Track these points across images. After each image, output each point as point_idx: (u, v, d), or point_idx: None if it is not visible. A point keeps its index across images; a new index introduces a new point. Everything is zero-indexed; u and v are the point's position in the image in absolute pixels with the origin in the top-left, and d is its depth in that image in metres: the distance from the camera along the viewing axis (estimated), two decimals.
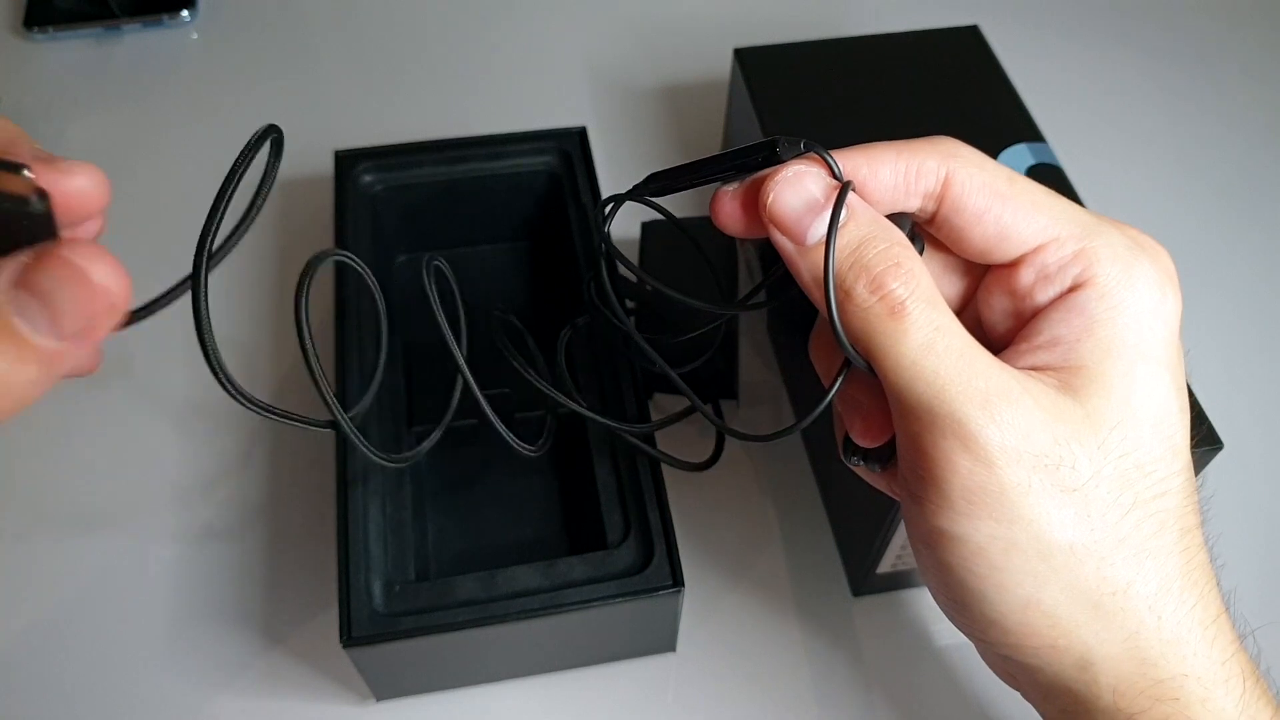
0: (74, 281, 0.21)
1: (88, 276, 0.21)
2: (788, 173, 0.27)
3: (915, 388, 0.26)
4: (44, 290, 0.21)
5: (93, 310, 0.22)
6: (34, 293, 0.21)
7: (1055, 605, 0.26)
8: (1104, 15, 0.70)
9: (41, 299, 0.21)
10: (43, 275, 0.21)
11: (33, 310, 0.21)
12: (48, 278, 0.21)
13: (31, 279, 0.21)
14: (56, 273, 0.21)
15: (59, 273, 0.21)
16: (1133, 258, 0.27)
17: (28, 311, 0.21)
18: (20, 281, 0.21)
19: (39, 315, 0.21)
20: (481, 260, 0.52)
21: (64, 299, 0.21)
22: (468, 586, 0.36)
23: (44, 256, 0.21)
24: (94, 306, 0.22)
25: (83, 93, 0.64)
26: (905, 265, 0.26)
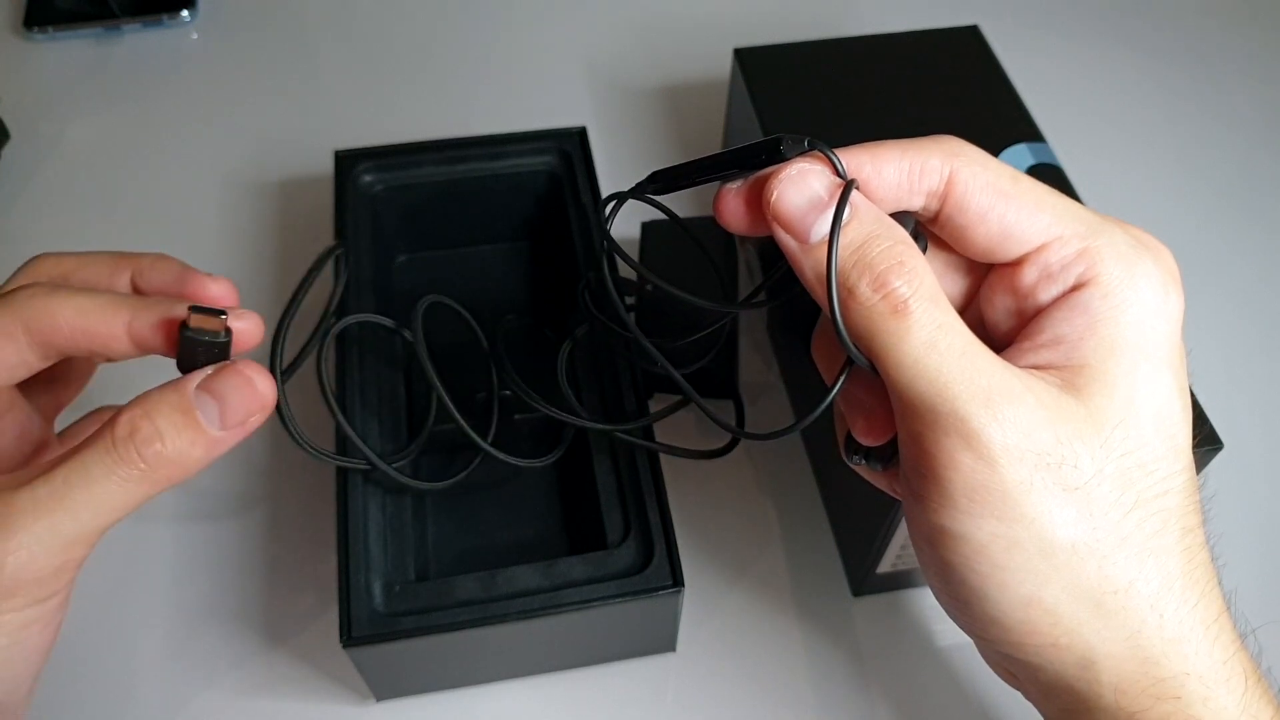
0: (243, 387, 0.30)
1: (253, 384, 0.30)
2: (791, 170, 0.27)
3: (917, 386, 0.26)
4: (220, 393, 0.29)
5: (252, 409, 0.30)
6: (213, 394, 0.29)
7: (1057, 604, 0.26)
8: (1104, 15, 0.70)
9: (218, 399, 0.29)
10: (221, 381, 0.29)
11: (210, 407, 0.29)
12: (225, 384, 0.29)
13: (212, 384, 0.29)
14: (232, 380, 0.29)
15: (233, 380, 0.30)
16: (1136, 257, 0.27)
17: (206, 408, 0.29)
18: (205, 385, 0.29)
19: (214, 411, 0.29)
20: (481, 260, 0.52)
21: (234, 400, 0.29)
22: (468, 586, 0.36)
23: (223, 368, 0.30)
24: (254, 406, 0.30)
25: (83, 93, 0.64)
26: (908, 264, 0.26)
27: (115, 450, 0.28)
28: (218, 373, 0.29)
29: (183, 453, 0.28)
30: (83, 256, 0.33)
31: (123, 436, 0.28)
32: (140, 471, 0.28)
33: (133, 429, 0.28)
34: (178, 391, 0.29)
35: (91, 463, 0.27)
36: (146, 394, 0.29)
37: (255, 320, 0.32)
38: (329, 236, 0.46)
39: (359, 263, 0.45)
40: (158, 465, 0.28)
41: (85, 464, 0.27)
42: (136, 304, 0.30)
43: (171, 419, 0.28)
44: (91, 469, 0.27)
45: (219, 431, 0.29)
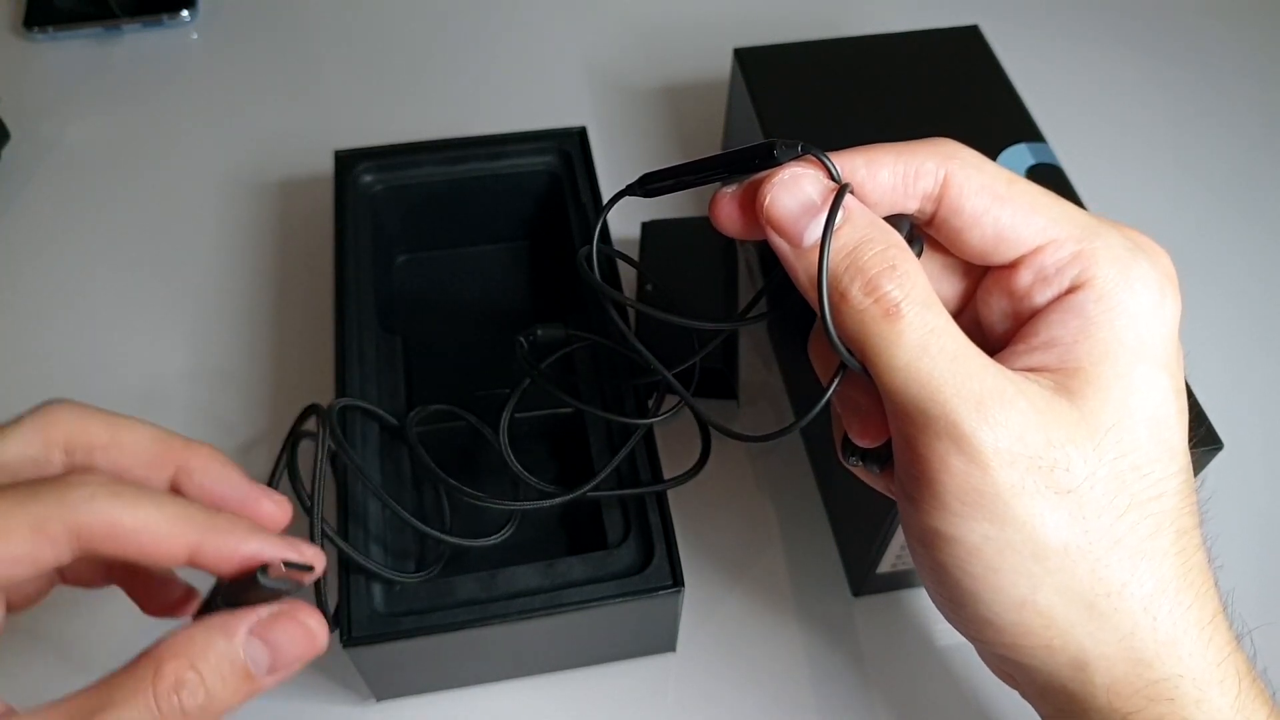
0: (301, 637, 0.27)
1: (313, 636, 0.27)
2: (784, 175, 0.27)
3: (909, 390, 0.26)
4: (276, 644, 0.26)
5: (305, 657, 0.27)
6: (268, 643, 0.26)
7: (1050, 606, 0.26)
8: (1104, 15, 0.70)
9: (272, 649, 0.26)
10: (278, 631, 0.26)
11: (260, 655, 0.26)
12: (282, 634, 0.27)
13: (269, 634, 0.26)
14: (290, 631, 0.27)
15: (292, 631, 0.27)
16: (1131, 259, 0.27)
17: (257, 657, 0.26)
18: (258, 632, 0.26)
19: (264, 659, 0.26)
20: (481, 260, 0.52)
21: (290, 650, 0.27)
22: (468, 586, 0.36)
23: (281, 616, 0.27)
24: (307, 654, 0.27)
25: (83, 93, 0.64)
26: (901, 267, 0.26)
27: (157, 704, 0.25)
28: (274, 620, 0.26)
29: (226, 701, 0.26)
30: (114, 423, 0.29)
31: (166, 690, 0.25)
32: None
33: (178, 681, 0.25)
34: (228, 639, 0.26)
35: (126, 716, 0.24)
36: (188, 635, 0.26)
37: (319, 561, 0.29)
38: (329, 236, 0.46)
39: (359, 263, 0.45)
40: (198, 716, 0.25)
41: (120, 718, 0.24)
42: (206, 525, 0.27)
43: (220, 672, 0.25)
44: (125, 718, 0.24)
45: (267, 678, 0.27)
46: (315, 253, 0.55)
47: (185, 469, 0.29)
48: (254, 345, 0.52)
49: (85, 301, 0.54)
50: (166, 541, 0.26)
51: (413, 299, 0.50)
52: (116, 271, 0.55)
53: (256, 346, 0.52)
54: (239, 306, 0.53)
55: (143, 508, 0.26)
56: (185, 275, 0.55)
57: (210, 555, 0.27)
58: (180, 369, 0.51)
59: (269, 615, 0.26)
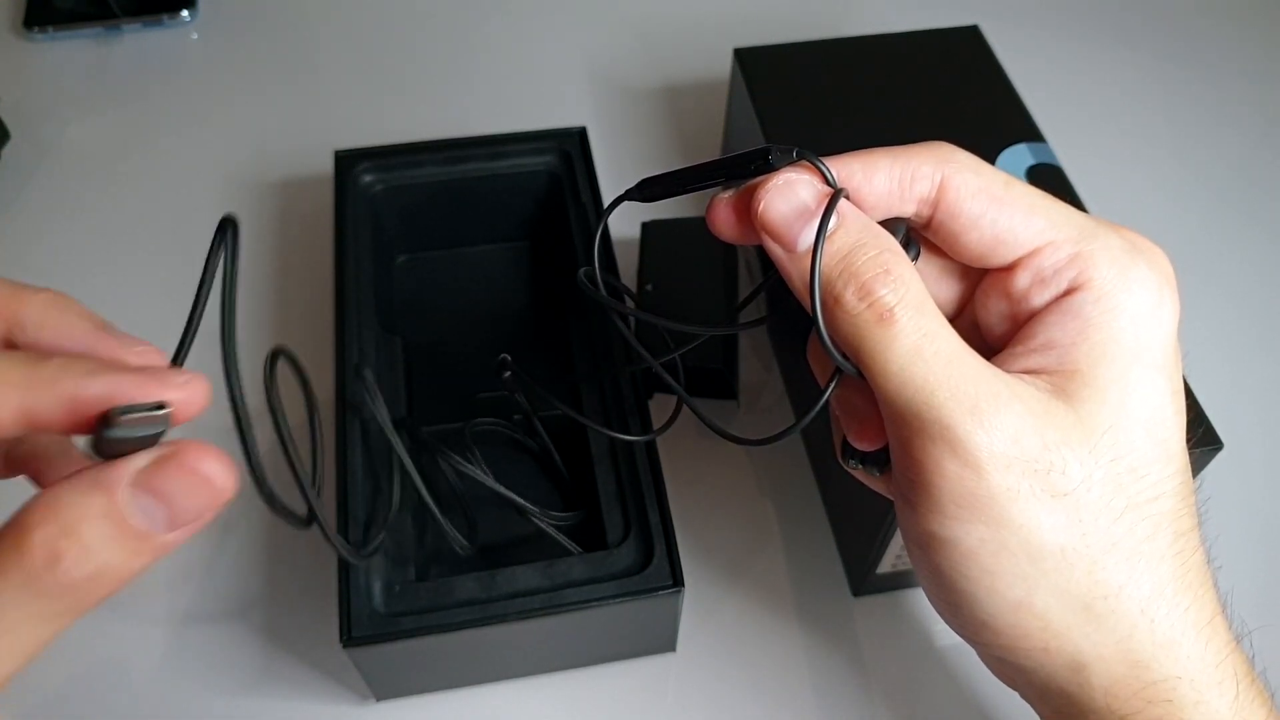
0: (193, 483, 0.23)
1: (206, 476, 0.23)
2: (778, 180, 0.27)
3: (904, 394, 0.26)
4: (165, 492, 0.23)
5: (209, 505, 0.23)
6: (155, 494, 0.23)
7: (1047, 608, 0.26)
8: (1104, 15, 0.70)
9: (162, 499, 0.23)
10: (164, 479, 0.23)
11: (153, 509, 0.23)
12: (169, 481, 0.23)
13: (153, 483, 0.23)
14: (178, 477, 0.23)
15: (180, 477, 0.23)
16: (1129, 261, 0.27)
17: (148, 511, 0.22)
18: (140, 483, 0.22)
19: (158, 513, 0.23)
20: (481, 260, 0.52)
21: (183, 498, 0.23)
22: (468, 586, 0.36)
23: (164, 462, 0.23)
24: (210, 502, 0.23)
25: (83, 93, 0.64)
26: (894, 272, 0.26)
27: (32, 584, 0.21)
28: (158, 469, 0.23)
29: (120, 567, 0.22)
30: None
31: (40, 566, 0.21)
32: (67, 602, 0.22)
33: (52, 554, 0.21)
34: (103, 494, 0.22)
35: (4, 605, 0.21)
36: (54, 496, 0.22)
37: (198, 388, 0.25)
38: (329, 236, 0.46)
39: (359, 263, 0.45)
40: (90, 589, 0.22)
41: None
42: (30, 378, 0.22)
43: (101, 531, 0.22)
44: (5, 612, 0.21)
45: (167, 535, 0.23)
46: (315, 253, 0.55)
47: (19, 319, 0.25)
48: (254, 345, 0.52)
49: (85, 301, 0.54)
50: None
51: (413, 299, 0.50)
52: (116, 271, 0.55)
53: (256, 346, 0.52)
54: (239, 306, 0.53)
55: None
56: (185, 275, 0.55)
57: (47, 413, 0.22)
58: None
59: (150, 463, 0.23)
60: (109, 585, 0.22)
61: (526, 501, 0.39)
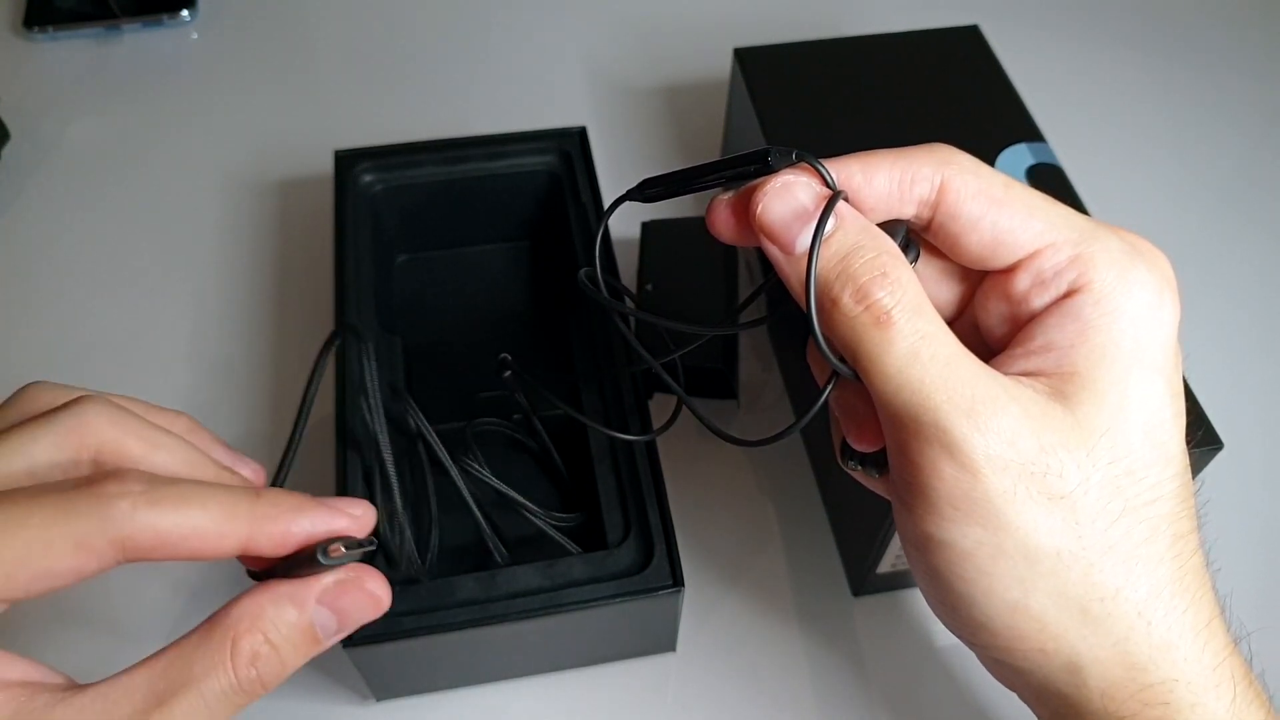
0: (364, 601, 0.27)
1: (375, 596, 0.27)
2: (777, 182, 0.27)
3: (901, 396, 0.26)
4: (343, 610, 0.27)
5: (368, 619, 0.28)
6: (335, 610, 0.27)
7: (1043, 610, 0.26)
8: (1104, 15, 0.70)
9: (339, 615, 0.27)
10: (346, 600, 0.27)
11: (329, 621, 0.27)
12: (348, 601, 0.27)
13: (335, 601, 0.27)
14: (357, 598, 0.27)
15: (358, 598, 0.27)
16: (1129, 263, 0.27)
17: (325, 622, 0.27)
18: (325, 601, 0.27)
19: (332, 624, 0.27)
20: (481, 260, 0.52)
21: (356, 615, 0.27)
22: (468, 586, 0.36)
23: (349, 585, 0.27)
24: (371, 617, 0.28)
25: (83, 93, 0.64)
26: (892, 274, 0.26)
27: (235, 676, 0.25)
28: (341, 589, 0.27)
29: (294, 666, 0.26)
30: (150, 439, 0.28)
31: (244, 663, 0.25)
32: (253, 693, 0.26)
33: (254, 656, 0.25)
34: (298, 608, 0.26)
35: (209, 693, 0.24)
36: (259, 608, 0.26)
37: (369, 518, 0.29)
38: (329, 236, 0.46)
39: (359, 263, 0.45)
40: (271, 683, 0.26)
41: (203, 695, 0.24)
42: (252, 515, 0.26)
43: (292, 640, 0.26)
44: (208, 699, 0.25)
45: (330, 641, 0.27)
46: (315, 253, 0.55)
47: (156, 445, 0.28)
48: (254, 345, 0.52)
49: (85, 301, 0.54)
50: (215, 542, 0.25)
51: (413, 299, 0.50)
52: (116, 271, 0.55)
53: (256, 346, 0.52)
54: (239, 306, 0.53)
55: (187, 512, 0.25)
56: (185, 275, 0.55)
57: (263, 545, 0.26)
58: (180, 368, 0.51)
59: (335, 584, 0.27)
60: (283, 678, 0.26)
61: (527, 502, 0.39)
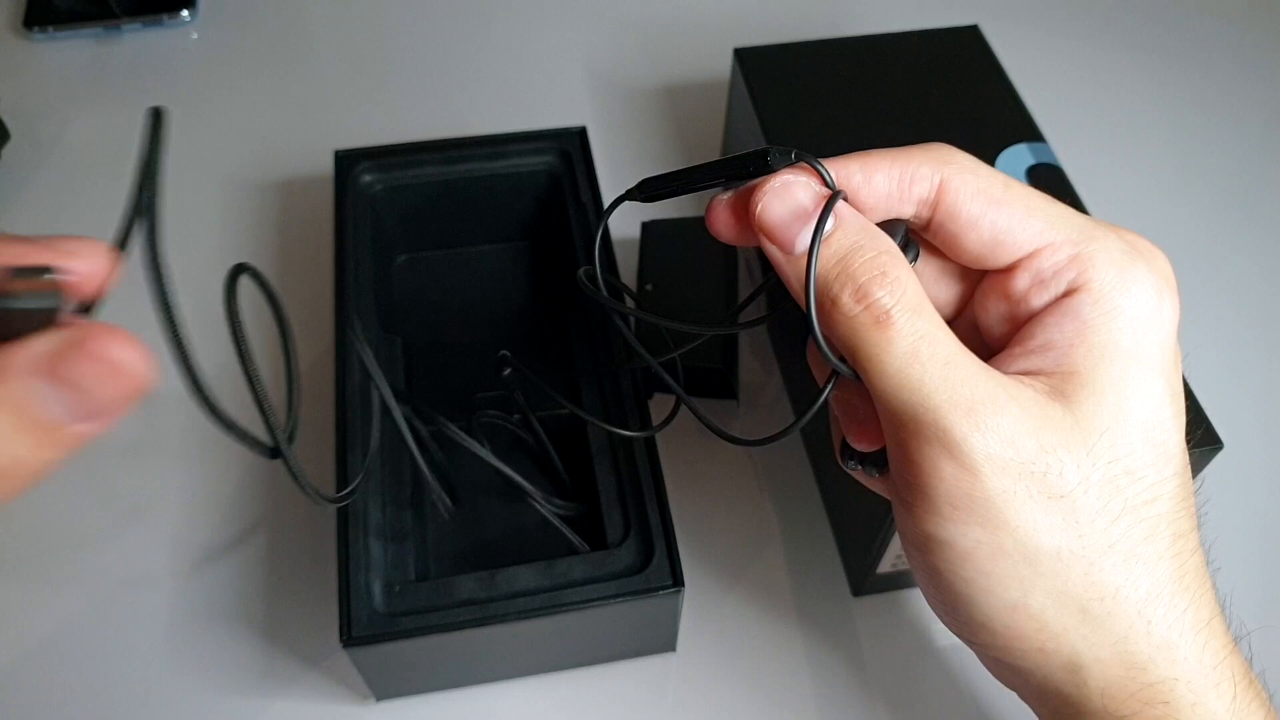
0: (102, 370, 0.21)
1: (115, 363, 0.22)
2: (776, 182, 0.27)
3: (900, 396, 0.26)
4: (71, 380, 0.21)
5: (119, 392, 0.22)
6: (61, 382, 0.21)
7: (1043, 609, 0.26)
8: (1104, 15, 0.70)
9: (69, 388, 0.21)
10: (70, 367, 0.21)
11: (61, 399, 0.21)
12: (74, 368, 0.21)
13: (59, 370, 0.21)
14: (84, 364, 0.21)
15: (87, 364, 0.21)
16: (1129, 262, 0.27)
17: (55, 400, 0.21)
18: (46, 371, 0.21)
19: (67, 403, 0.21)
20: (481, 260, 0.52)
21: (92, 386, 0.21)
22: (468, 586, 0.36)
23: (68, 349, 0.21)
24: (124, 389, 0.22)
25: (83, 93, 0.64)
26: (891, 274, 0.26)
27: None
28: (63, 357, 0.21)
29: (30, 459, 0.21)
30: None
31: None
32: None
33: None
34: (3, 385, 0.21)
35: None
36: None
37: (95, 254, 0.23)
38: (329, 236, 0.46)
39: (359, 263, 0.45)
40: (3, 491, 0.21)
41: None
42: None
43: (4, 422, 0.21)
44: None
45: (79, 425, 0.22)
46: (315, 253, 0.55)
47: None
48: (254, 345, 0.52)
49: None
50: None
51: (413, 299, 0.50)
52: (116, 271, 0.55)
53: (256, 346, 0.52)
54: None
55: None
56: (185, 275, 0.55)
57: None
58: None
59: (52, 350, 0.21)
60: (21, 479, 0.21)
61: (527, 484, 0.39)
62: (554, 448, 0.44)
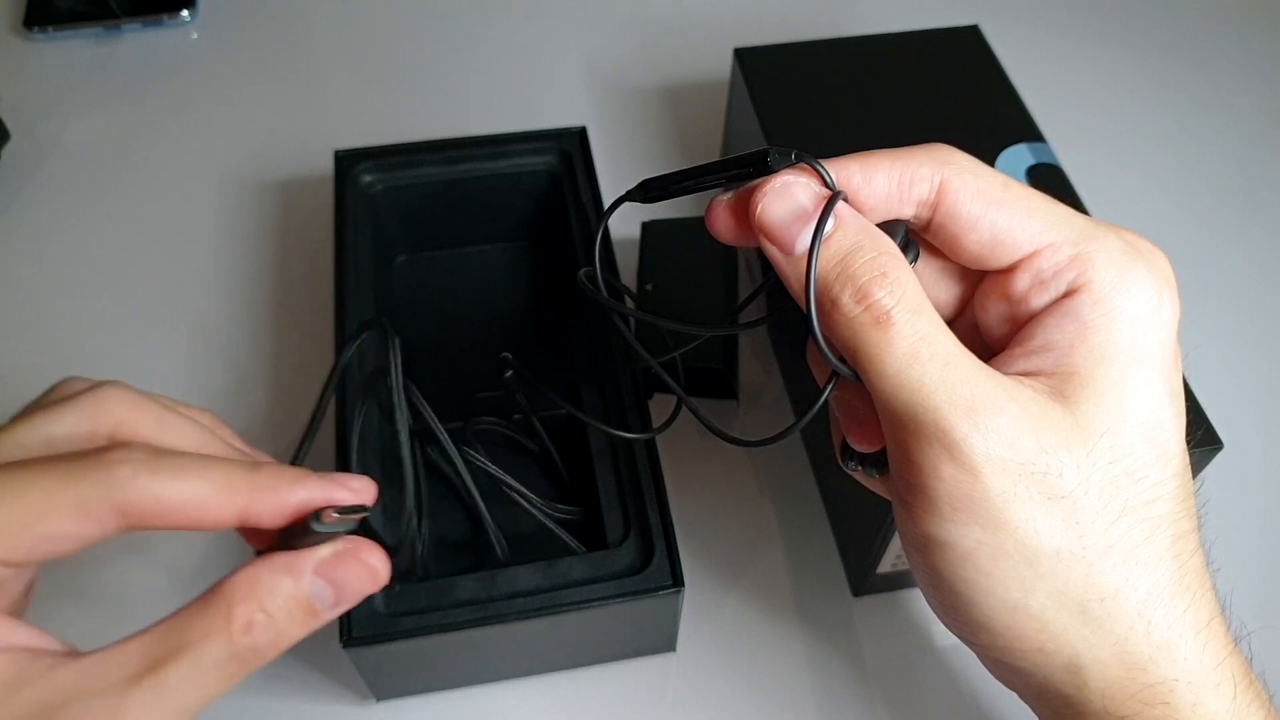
0: (361, 572, 0.27)
1: (372, 568, 0.27)
2: (776, 183, 0.27)
3: (900, 396, 0.26)
4: (340, 582, 0.27)
5: (367, 592, 0.28)
6: (332, 582, 0.27)
7: (1043, 610, 0.26)
8: (1104, 15, 0.70)
9: (335, 587, 0.27)
10: (340, 570, 0.27)
11: (325, 593, 0.27)
12: (343, 570, 0.27)
13: (331, 572, 0.27)
14: (353, 569, 0.27)
15: (355, 569, 0.27)
16: (1129, 263, 0.27)
17: (322, 594, 0.27)
18: (321, 571, 0.27)
19: (329, 597, 0.27)
20: (481, 260, 0.52)
21: (353, 587, 0.27)
22: (468, 586, 0.36)
23: (345, 556, 0.27)
24: (369, 590, 0.28)
25: (83, 93, 0.64)
26: (891, 275, 0.26)
27: (232, 646, 0.25)
28: (337, 560, 0.27)
29: (293, 636, 0.26)
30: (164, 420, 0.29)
31: (240, 630, 0.25)
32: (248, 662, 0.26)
33: (249, 624, 0.25)
34: (294, 579, 0.26)
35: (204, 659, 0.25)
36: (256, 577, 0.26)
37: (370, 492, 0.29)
38: (329, 236, 0.46)
39: (359, 263, 0.45)
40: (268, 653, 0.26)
41: (198, 661, 0.24)
42: (251, 485, 0.26)
43: (289, 612, 0.26)
44: (203, 665, 0.25)
45: (328, 614, 0.27)
46: (315, 253, 0.55)
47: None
48: (254, 345, 0.52)
49: (85, 301, 0.54)
50: (214, 510, 0.26)
51: (413, 299, 0.50)
52: (116, 272, 0.55)
53: (256, 346, 0.52)
54: (239, 306, 0.53)
55: (186, 479, 0.26)
56: (185, 275, 0.55)
57: (261, 514, 0.26)
58: (180, 368, 0.51)
59: (331, 555, 0.27)
60: (280, 649, 0.26)
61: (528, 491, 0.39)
62: (554, 447, 0.44)
